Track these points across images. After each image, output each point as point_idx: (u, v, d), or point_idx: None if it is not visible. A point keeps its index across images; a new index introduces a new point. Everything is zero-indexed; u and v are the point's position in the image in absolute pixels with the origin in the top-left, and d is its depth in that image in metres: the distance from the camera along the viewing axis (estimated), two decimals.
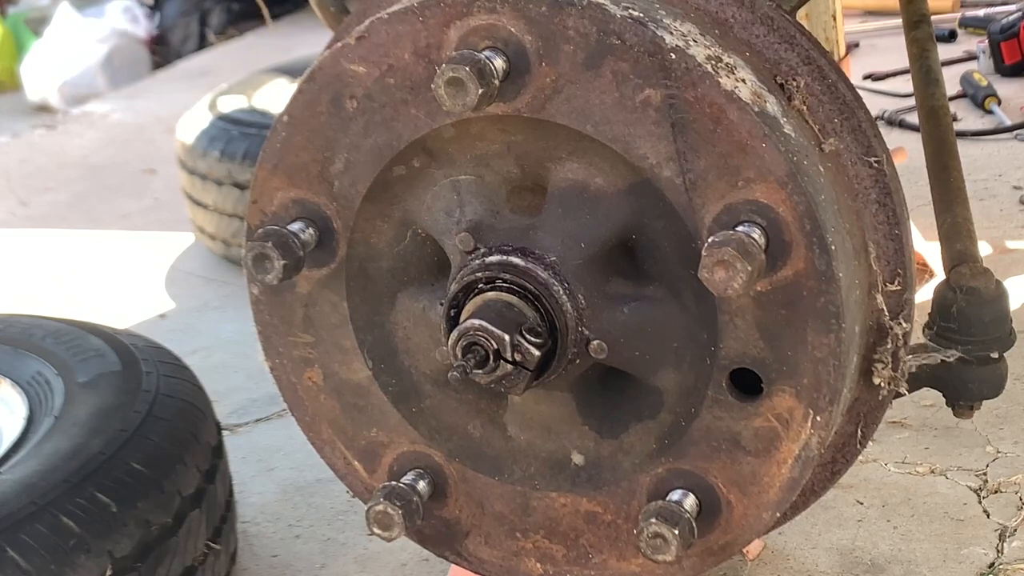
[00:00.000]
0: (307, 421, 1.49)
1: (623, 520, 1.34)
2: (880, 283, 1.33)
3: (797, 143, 1.20)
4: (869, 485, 1.94)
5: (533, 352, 1.24)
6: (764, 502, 1.26)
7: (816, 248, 1.15)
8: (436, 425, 1.43)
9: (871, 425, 1.42)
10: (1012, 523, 1.81)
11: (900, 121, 3.75)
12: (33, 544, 1.46)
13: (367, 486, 1.48)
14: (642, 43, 1.15)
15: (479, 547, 1.45)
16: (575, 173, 1.25)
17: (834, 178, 1.28)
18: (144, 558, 1.56)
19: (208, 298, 3.21)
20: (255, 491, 2.18)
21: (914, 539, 1.80)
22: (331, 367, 1.44)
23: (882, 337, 1.32)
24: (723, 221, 1.17)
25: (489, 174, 1.31)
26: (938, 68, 1.87)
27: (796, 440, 1.22)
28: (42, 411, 1.79)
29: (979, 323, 1.48)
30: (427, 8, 1.21)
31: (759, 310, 1.20)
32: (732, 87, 1.15)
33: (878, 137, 1.34)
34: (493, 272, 1.27)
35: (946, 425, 2.08)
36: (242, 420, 2.49)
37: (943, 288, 1.51)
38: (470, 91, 1.14)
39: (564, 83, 1.19)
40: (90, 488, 1.55)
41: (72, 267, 3.53)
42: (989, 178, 3.24)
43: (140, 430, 1.68)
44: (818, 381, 1.19)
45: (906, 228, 1.35)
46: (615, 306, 1.29)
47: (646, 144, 1.18)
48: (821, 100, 1.31)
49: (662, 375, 1.30)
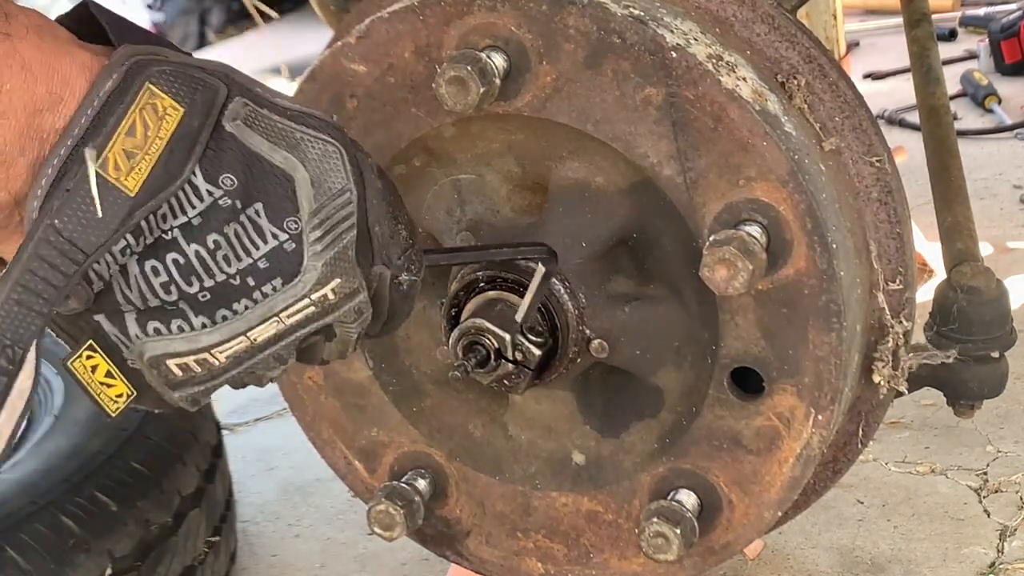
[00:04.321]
0: (307, 420, 1.49)
1: (624, 519, 1.34)
2: (881, 282, 1.32)
3: (798, 142, 1.20)
4: (869, 484, 1.94)
5: (534, 351, 1.24)
6: (765, 501, 1.26)
7: (817, 247, 1.15)
8: (437, 425, 1.43)
9: (872, 424, 1.42)
10: (1013, 522, 1.81)
11: (900, 120, 3.75)
12: (33, 543, 1.46)
13: (368, 486, 1.48)
14: (643, 41, 1.15)
15: (480, 547, 1.45)
16: (576, 172, 1.25)
17: (835, 177, 1.28)
18: (144, 557, 1.56)
19: None
20: (255, 491, 2.18)
21: (914, 538, 1.80)
22: (331, 366, 1.44)
23: (883, 336, 1.32)
24: (724, 220, 1.17)
25: (490, 173, 1.31)
26: (939, 67, 1.86)
27: (797, 439, 1.22)
28: (42, 410, 1.79)
29: (980, 322, 1.48)
30: (427, 7, 1.21)
31: (760, 309, 1.19)
32: (733, 85, 1.15)
33: (879, 136, 1.34)
34: (494, 271, 1.27)
35: (946, 424, 2.08)
36: (242, 419, 2.49)
37: (944, 287, 1.51)
38: (471, 90, 1.14)
39: (565, 82, 1.18)
40: (90, 487, 1.55)
41: None
42: (989, 177, 3.24)
43: (140, 429, 1.68)
44: (819, 380, 1.19)
45: (907, 227, 1.35)
46: (616, 305, 1.29)
47: (647, 143, 1.18)
48: (822, 99, 1.31)
49: (663, 374, 1.30)
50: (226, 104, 0.89)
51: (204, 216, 0.88)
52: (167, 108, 0.86)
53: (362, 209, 0.94)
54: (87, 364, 0.92)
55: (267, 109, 0.91)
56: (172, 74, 0.87)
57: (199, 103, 0.88)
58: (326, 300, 0.93)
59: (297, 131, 0.91)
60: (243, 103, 0.89)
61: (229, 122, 0.89)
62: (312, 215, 0.91)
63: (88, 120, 0.84)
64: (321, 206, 0.92)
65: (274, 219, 0.90)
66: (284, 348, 0.95)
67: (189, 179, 0.87)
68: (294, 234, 0.91)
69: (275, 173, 0.90)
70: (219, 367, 0.93)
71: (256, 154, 0.90)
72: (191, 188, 0.88)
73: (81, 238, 0.83)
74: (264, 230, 0.90)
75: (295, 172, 0.91)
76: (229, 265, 0.90)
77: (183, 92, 0.87)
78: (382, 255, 0.97)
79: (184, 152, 0.87)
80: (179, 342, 0.90)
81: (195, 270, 0.89)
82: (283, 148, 0.91)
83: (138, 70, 0.86)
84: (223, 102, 0.88)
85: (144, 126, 0.86)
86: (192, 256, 0.88)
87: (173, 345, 0.90)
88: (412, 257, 1.00)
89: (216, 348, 0.92)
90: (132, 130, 0.86)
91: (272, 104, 0.92)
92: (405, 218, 1.00)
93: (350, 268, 0.94)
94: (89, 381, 0.92)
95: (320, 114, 0.95)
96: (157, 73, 0.87)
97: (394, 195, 1.00)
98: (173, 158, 0.86)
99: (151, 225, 0.87)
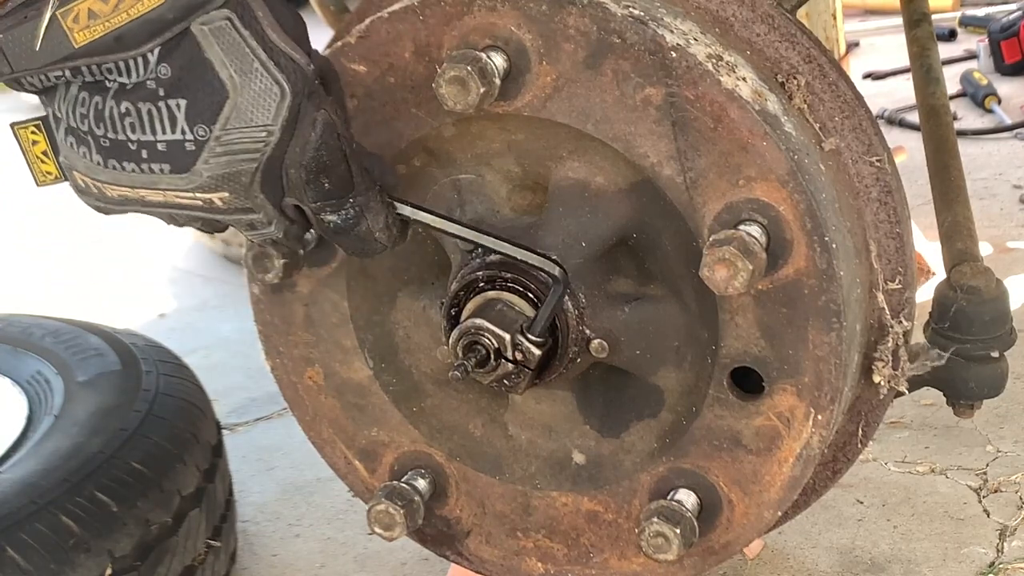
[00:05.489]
0: (308, 420, 1.49)
1: (624, 519, 1.34)
2: (881, 281, 1.33)
3: (798, 141, 1.20)
4: (869, 484, 1.94)
5: (534, 351, 1.24)
6: (765, 501, 1.26)
7: (817, 246, 1.15)
8: (437, 424, 1.43)
9: (872, 424, 1.42)
10: (1012, 522, 1.81)
11: (900, 120, 3.75)
12: (33, 543, 1.46)
13: (368, 486, 1.48)
14: (643, 41, 1.15)
15: (480, 546, 1.45)
16: (576, 172, 1.25)
17: (835, 176, 1.28)
18: (144, 557, 1.56)
19: (208, 297, 3.21)
20: (255, 490, 2.18)
21: (914, 538, 1.80)
22: (332, 366, 1.44)
23: (883, 336, 1.32)
24: (724, 220, 1.17)
25: (490, 173, 1.31)
26: (938, 67, 1.86)
27: (797, 439, 1.22)
28: (42, 410, 1.79)
29: (979, 322, 1.48)
30: (427, 7, 1.21)
31: (760, 309, 1.19)
32: (733, 85, 1.15)
33: (879, 135, 1.34)
34: (494, 271, 1.27)
35: (946, 424, 2.08)
36: (242, 419, 2.49)
37: (944, 287, 1.51)
38: (471, 90, 1.14)
39: (564, 82, 1.18)
40: (90, 487, 1.55)
41: (72, 266, 3.53)
42: (989, 177, 3.24)
43: (140, 429, 1.68)
44: (819, 380, 1.19)
45: (907, 227, 1.35)
46: (616, 305, 1.29)
47: (647, 143, 1.18)
48: (822, 98, 1.31)
49: (663, 374, 1.30)
50: (208, 8, 1.02)
51: (133, 87, 1.04)
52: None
53: (278, 150, 1.07)
54: (30, 137, 1.14)
55: (248, 31, 1.04)
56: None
57: (182, 2, 1.01)
58: (212, 204, 1.09)
59: (256, 62, 1.04)
60: (225, 16, 1.02)
61: (197, 25, 1.02)
62: (222, 132, 1.05)
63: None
64: (233, 129, 1.05)
65: (189, 118, 1.05)
66: (176, 215, 1.12)
67: (144, 54, 1.02)
68: (199, 139, 1.05)
69: (214, 84, 1.04)
70: (112, 198, 1.11)
71: (206, 60, 1.03)
72: (142, 60, 1.03)
73: (13, 56, 1.03)
74: (177, 123, 1.05)
75: (232, 92, 1.04)
76: (132, 132, 1.06)
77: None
78: (296, 193, 1.10)
79: (147, 35, 1.01)
80: (81, 163, 1.09)
81: (104, 120, 1.06)
82: (233, 68, 1.04)
83: None
84: (207, 10, 1.02)
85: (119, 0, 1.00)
86: (107, 109, 1.05)
87: (78, 163, 1.10)
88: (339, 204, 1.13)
89: (105, 184, 1.09)
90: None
91: (257, 30, 1.04)
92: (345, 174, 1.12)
93: (241, 189, 1.08)
94: (28, 150, 1.15)
95: (299, 59, 1.07)
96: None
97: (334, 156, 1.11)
98: (130, 34, 1.01)
99: (93, 71, 1.04)
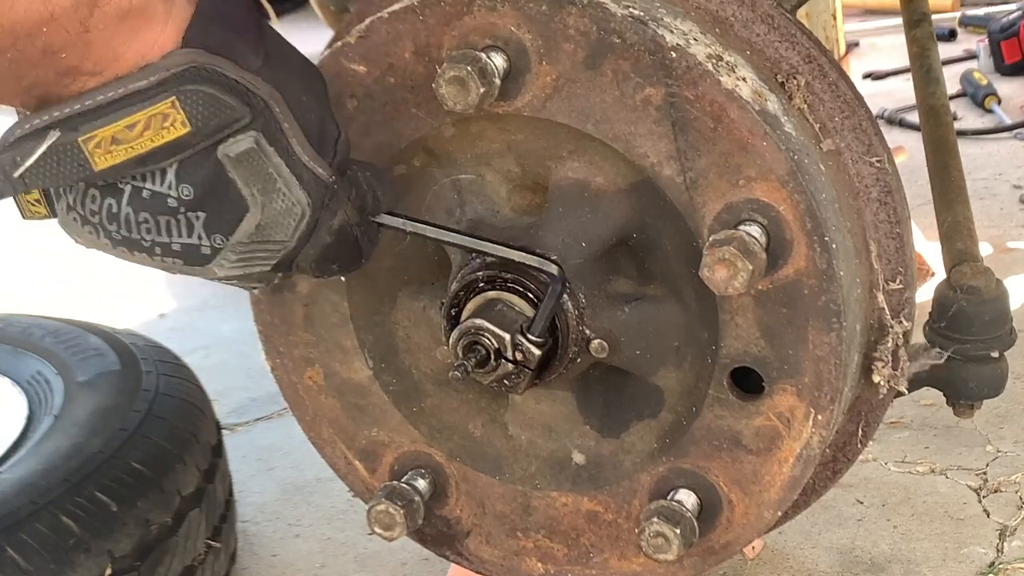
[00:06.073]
0: (308, 420, 1.49)
1: (624, 519, 1.34)
2: (881, 281, 1.33)
3: (798, 142, 1.20)
4: (869, 484, 1.94)
5: (534, 351, 1.24)
6: (765, 501, 1.26)
7: (817, 247, 1.15)
8: (437, 425, 1.43)
9: (872, 424, 1.42)
10: (1012, 522, 1.81)
11: (900, 120, 3.75)
12: (32, 543, 1.46)
13: (368, 486, 1.48)
14: (643, 42, 1.15)
15: (480, 546, 1.45)
16: (576, 172, 1.25)
17: (835, 176, 1.28)
18: (144, 557, 1.56)
19: (208, 297, 3.21)
20: (255, 490, 2.18)
21: (914, 538, 1.80)
22: (332, 366, 1.44)
23: (883, 336, 1.32)
24: (724, 220, 1.17)
25: (490, 173, 1.31)
26: (938, 67, 1.86)
27: (797, 439, 1.22)
28: (42, 410, 1.79)
29: (979, 322, 1.48)
30: (427, 7, 1.21)
31: (760, 309, 1.19)
32: (733, 86, 1.15)
33: (879, 136, 1.34)
34: (494, 271, 1.27)
35: (946, 424, 2.09)
36: (242, 419, 2.49)
37: (943, 287, 1.51)
38: (471, 90, 1.14)
39: (564, 82, 1.18)
40: (90, 487, 1.55)
41: (71, 266, 3.52)
42: (989, 177, 3.24)
43: (140, 429, 1.68)
44: (819, 380, 1.19)
45: (907, 227, 1.35)
46: (616, 305, 1.29)
47: (647, 143, 1.18)
48: (822, 99, 1.31)
49: (663, 374, 1.30)
50: (236, 133, 1.00)
51: (152, 197, 1.02)
52: (176, 122, 0.97)
53: (293, 254, 1.10)
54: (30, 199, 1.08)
55: (273, 147, 1.03)
56: (203, 97, 0.97)
57: (209, 128, 0.98)
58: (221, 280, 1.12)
59: (280, 180, 1.04)
60: (252, 138, 1.01)
61: (222, 150, 1.01)
62: (238, 244, 1.06)
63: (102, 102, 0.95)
64: (251, 241, 1.06)
65: (208, 229, 1.04)
66: None
67: (164, 168, 1.00)
68: (215, 246, 1.06)
69: (235, 200, 1.03)
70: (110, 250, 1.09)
71: (230, 180, 1.02)
72: (160, 173, 1.01)
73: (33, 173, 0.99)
74: (194, 230, 1.04)
75: (253, 208, 1.04)
76: (148, 234, 1.04)
77: (201, 116, 0.97)
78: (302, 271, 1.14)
79: (170, 155, 0.99)
80: (86, 239, 1.07)
81: (118, 220, 1.04)
82: (256, 188, 1.04)
83: (178, 81, 0.96)
84: (233, 132, 1.00)
85: (145, 127, 0.96)
86: (122, 213, 1.03)
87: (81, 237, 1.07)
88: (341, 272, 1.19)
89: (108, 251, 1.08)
90: (132, 126, 0.96)
91: (282, 144, 1.03)
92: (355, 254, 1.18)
93: (254, 279, 1.12)
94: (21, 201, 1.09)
95: (322, 173, 1.07)
96: (190, 92, 0.97)
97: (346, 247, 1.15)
98: (153, 158, 0.99)
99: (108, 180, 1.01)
